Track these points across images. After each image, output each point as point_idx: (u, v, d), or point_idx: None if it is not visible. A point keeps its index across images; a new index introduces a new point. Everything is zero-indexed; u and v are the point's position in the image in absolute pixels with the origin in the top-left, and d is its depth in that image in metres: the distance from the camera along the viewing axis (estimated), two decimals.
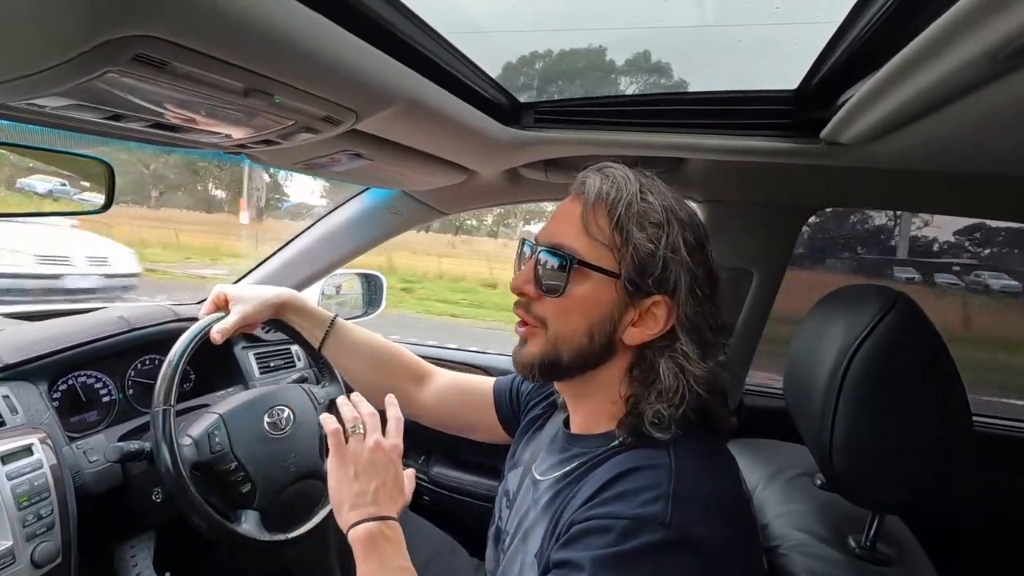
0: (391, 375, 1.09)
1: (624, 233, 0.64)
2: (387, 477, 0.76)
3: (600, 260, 0.66)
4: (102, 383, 1.12)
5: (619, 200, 0.65)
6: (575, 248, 0.66)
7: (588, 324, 0.67)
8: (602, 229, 0.65)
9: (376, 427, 0.79)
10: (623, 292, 0.65)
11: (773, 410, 1.40)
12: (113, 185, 1.02)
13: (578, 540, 0.58)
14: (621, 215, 0.64)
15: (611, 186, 0.66)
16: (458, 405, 1.08)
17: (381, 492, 0.74)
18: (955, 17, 0.41)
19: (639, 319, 0.67)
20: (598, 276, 0.66)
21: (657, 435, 0.63)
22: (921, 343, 0.62)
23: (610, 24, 0.79)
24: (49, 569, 0.84)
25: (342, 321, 1.09)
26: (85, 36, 0.41)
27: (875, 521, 0.67)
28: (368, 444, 0.77)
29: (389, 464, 0.77)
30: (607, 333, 0.67)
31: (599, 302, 0.66)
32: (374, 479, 0.75)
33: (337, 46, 0.57)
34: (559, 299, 0.67)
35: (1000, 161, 0.78)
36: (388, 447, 0.78)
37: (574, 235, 0.67)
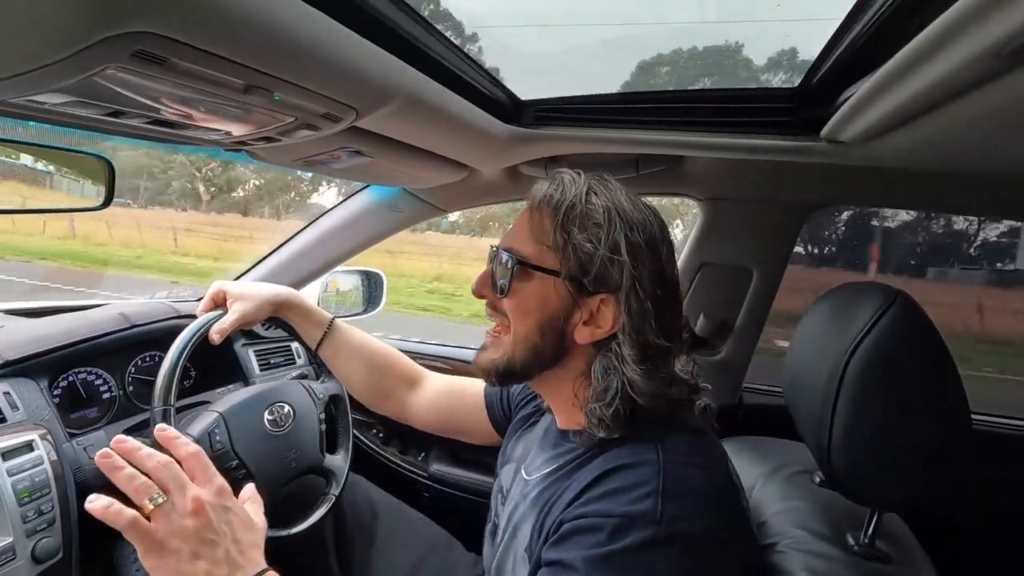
0: (385, 380, 1.09)
1: (566, 234, 0.66)
2: (234, 530, 0.60)
3: (543, 260, 0.69)
4: (102, 380, 1.13)
5: (562, 202, 0.67)
6: (521, 250, 0.70)
7: (539, 322, 0.70)
8: (546, 230, 0.68)
9: (182, 480, 0.59)
10: (566, 291, 0.67)
11: (772, 408, 1.41)
12: (113, 182, 1.02)
13: (569, 539, 0.58)
14: (562, 216, 0.67)
15: (556, 189, 0.69)
16: (451, 409, 1.08)
17: (235, 552, 0.59)
18: (956, 15, 0.41)
19: (589, 318, 0.68)
20: (541, 276, 0.69)
21: (600, 434, 0.65)
22: (920, 341, 0.62)
23: (611, 22, 0.79)
24: (50, 565, 0.84)
25: (341, 323, 1.09)
26: (85, 32, 0.41)
27: (874, 518, 0.67)
28: (185, 508, 0.57)
29: (226, 514, 0.60)
30: (557, 331, 0.69)
31: (546, 301, 0.69)
32: (218, 545, 0.58)
33: (337, 43, 0.57)
34: (507, 298, 0.71)
35: (1001, 159, 0.77)
36: (212, 495, 0.60)
37: (523, 238, 0.71)
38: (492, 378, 0.74)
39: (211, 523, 0.58)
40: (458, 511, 1.57)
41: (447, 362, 1.71)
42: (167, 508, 0.57)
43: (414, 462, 1.69)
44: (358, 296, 1.73)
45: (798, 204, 1.17)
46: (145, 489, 0.57)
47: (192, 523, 0.57)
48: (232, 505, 0.62)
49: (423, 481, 1.65)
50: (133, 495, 0.57)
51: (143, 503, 0.57)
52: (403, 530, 1.26)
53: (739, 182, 1.16)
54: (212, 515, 0.58)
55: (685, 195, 1.25)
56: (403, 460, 1.70)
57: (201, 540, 0.57)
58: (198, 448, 0.63)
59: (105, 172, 1.01)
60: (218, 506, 0.59)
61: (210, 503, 0.59)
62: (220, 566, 0.57)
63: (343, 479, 1.13)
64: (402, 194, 1.46)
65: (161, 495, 0.58)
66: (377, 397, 1.10)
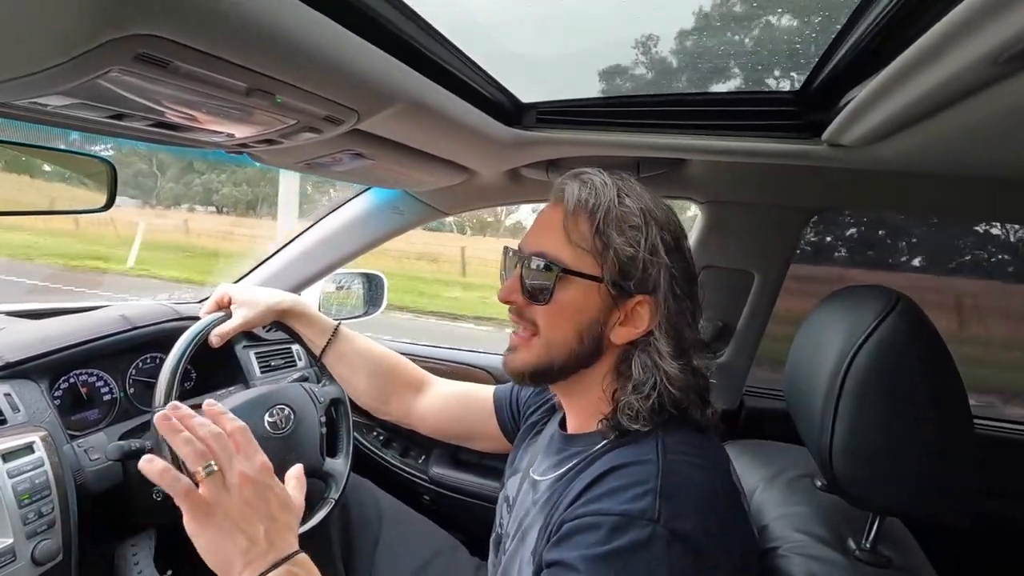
0: (390, 386, 1.09)
1: (604, 238, 0.66)
2: (272, 509, 0.61)
3: (583, 266, 0.68)
4: (103, 381, 1.13)
5: (598, 206, 0.67)
6: (559, 256, 0.69)
7: (577, 328, 0.69)
8: (583, 235, 0.67)
9: (232, 453, 0.61)
10: (607, 295, 0.67)
11: (774, 411, 1.40)
12: (115, 184, 1.02)
13: (569, 539, 0.58)
14: (600, 220, 0.66)
15: (590, 192, 0.68)
16: (459, 414, 1.08)
17: (273, 531, 0.59)
18: (956, 20, 0.41)
19: (625, 319, 0.69)
20: (582, 281, 0.68)
21: (634, 427, 0.65)
22: (922, 345, 0.62)
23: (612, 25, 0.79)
24: (50, 567, 0.84)
25: (346, 330, 1.09)
26: (88, 35, 0.41)
27: (875, 523, 0.67)
28: (233, 482, 0.59)
29: (267, 492, 0.61)
30: (596, 334, 0.69)
31: (586, 306, 0.68)
32: (258, 522, 0.59)
33: (339, 46, 0.57)
34: (547, 306, 0.69)
35: (1001, 163, 0.78)
36: (256, 472, 0.61)
37: (557, 243, 0.69)
38: (525, 380, 0.74)
39: (253, 499, 0.59)
40: (459, 515, 1.57)
41: (447, 364, 1.71)
42: (217, 478, 0.59)
43: (415, 465, 1.69)
44: (359, 298, 1.73)
45: (800, 207, 1.17)
46: (201, 456, 0.59)
47: (237, 497, 0.59)
48: (273, 484, 0.63)
49: (424, 484, 1.65)
50: (189, 460, 0.59)
51: (196, 470, 0.58)
52: (408, 533, 1.26)
53: (741, 185, 1.16)
54: (255, 492, 0.60)
55: (686, 198, 1.25)
56: (403, 463, 1.70)
57: (243, 515, 0.58)
58: (244, 424, 0.65)
59: (108, 174, 1.01)
60: (261, 483, 0.61)
61: (254, 479, 0.60)
62: (256, 544, 0.58)
63: (343, 483, 1.13)
64: (403, 196, 1.46)
65: (213, 464, 0.59)
66: (381, 403, 1.09)
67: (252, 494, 0.60)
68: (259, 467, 0.62)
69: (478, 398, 1.07)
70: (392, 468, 1.70)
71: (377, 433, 1.76)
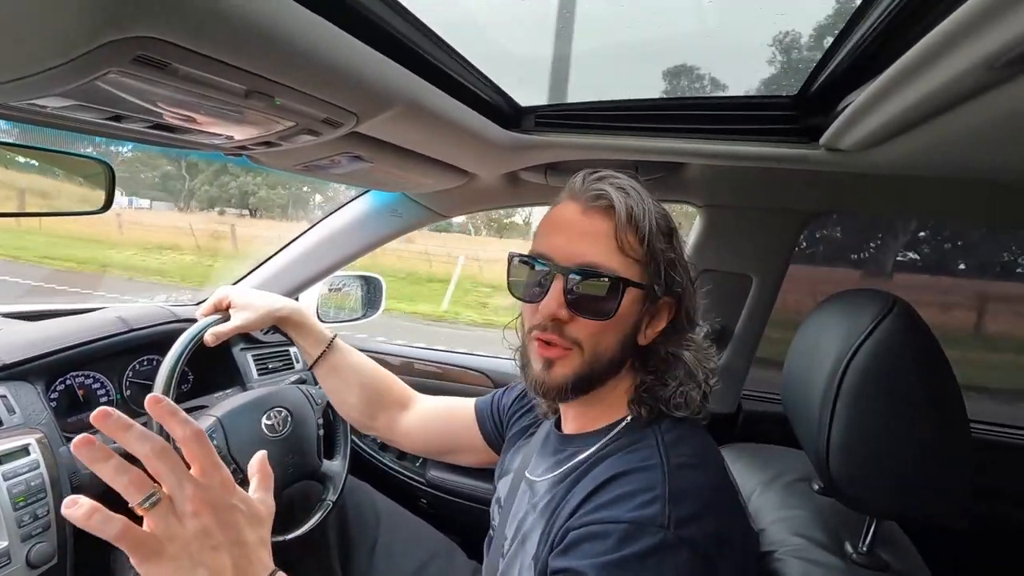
0: (377, 403, 1.08)
1: (652, 247, 0.67)
2: (238, 533, 0.50)
3: (636, 276, 0.67)
4: (100, 383, 1.12)
5: (644, 216, 0.66)
6: (615, 268, 0.66)
7: (623, 337, 0.70)
8: (633, 246, 0.67)
9: (180, 473, 0.49)
10: (646, 300, 0.69)
11: (771, 415, 1.40)
12: (113, 186, 1.02)
13: (577, 547, 0.58)
14: (648, 231, 0.66)
15: (635, 203, 0.67)
16: (442, 428, 1.07)
17: (242, 557, 0.50)
18: (953, 25, 0.41)
19: (650, 320, 0.71)
20: (635, 292, 0.68)
21: (679, 414, 0.68)
22: (918, 348, 0.62)
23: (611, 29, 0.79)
24: (45, 570, 0.84)
25: (341, 343, 1.09)
26: (87, 37, 0.41)
27: (872, 526, 0.67)
28: (186, 510, 0.48)
29: (230, 514, 0.50)
30: (633, 340, 0.71)
31: (632, 314, 0.69)
32: (222, 551, 0.49)
33: (338, 48, 0.58)
34: (603, 321, 0.67)
35: (998, 168, 0.78)
36: (214, 493, 0.50)
37: (608, 254, 0.66)
38: (568, 394, 0.70)
39: (213, 526, 0.49)
40: (456, 517, 1.56)
41: (443, 367, 1.71)
42: (163, 509, 0.47)
43: (412, 468, 1.68)
44: (357, 301, 1.73)
45: (797, 211, 1.17)
46: (137, 486, 0.47)
47: (192, 526, 0.48)
48: (237, 501, 0.52)
49: (421, 487, 1.64)
50: (124, 493, 0.47)
51: (135, 503, 0.47)
52: (405, 536, 1.25)
53: (738, 189, 1.17)
54: (214, 517, 0.49)
55: (684, 202, 1.25)
56: (401, 466, 1.70)
57: (202, 546, 0.48)
58: (199, 428, 0.51)
59: (106, 176, 1.01)
60: (221, 504, 0.50)
61: (212, 503, 0.49)
62: (224, 568, 0.49)
63: (340, 485, 1.12)
64: (402, 199, 1.46)
65: (157, 492, 0.47)
66: (368, 419, 1.08)
67: (211, 520, 0.48)
68: (219, 484, 0.50)
69: (460, 411, 1.07)
70: (389, 471, 1.69)
71: (374, 437, 1.76)
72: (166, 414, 0.51)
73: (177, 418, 0.51)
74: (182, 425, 0.51)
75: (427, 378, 1.70)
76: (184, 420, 0.51)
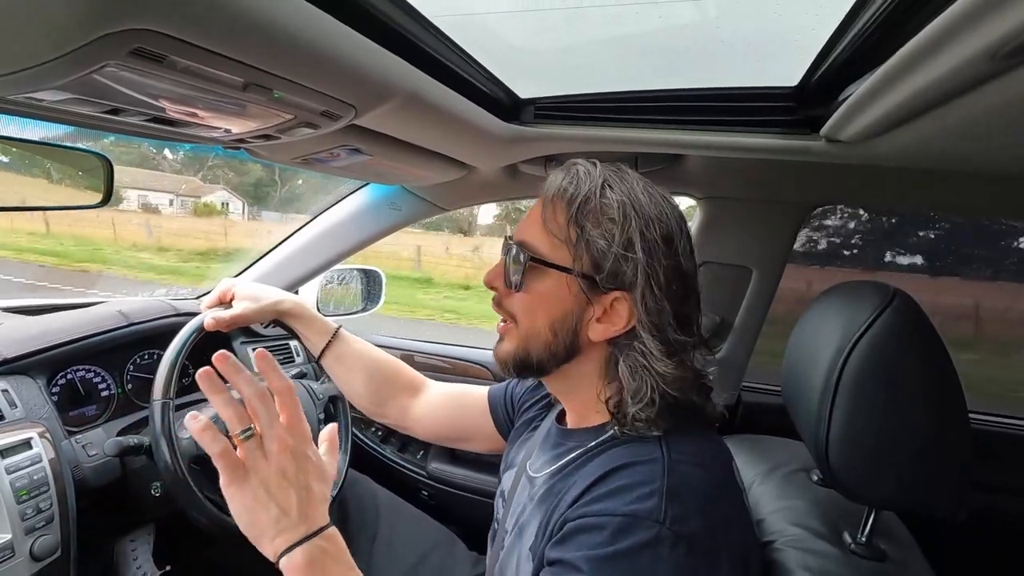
0: (387, 390, 1.09)
1: (580, 229, 0.64)
2: (308, 480, 0.59)
3: (556, 257, 0.66)
4: (101, 377, 1.13)
5: (576, 195, 0.65)
6: (534, 245, 0.68)
7: (550, 320, 0.68)
8: (560, 225, 0.66)
9: (273, 417, 0.59)
10: (579, 288, 0.66)
11: (771, 406, 1.41)
12: (111, 179, 1.02)
13: (572, 538, 0.58)
14: (576, 211, 0.65)
15: (570, 182, 0.66)
16: (454, 415, 1.08)
17: (307, 502, 0.58)
18: (955, 15, 0.41)
19: (603, 315, 0.66)
20: (555, 272, 0.67)
21: (652, 433, 0.63)
22: (918, 340, 0.62)
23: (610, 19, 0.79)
24: (48, 563, 0.84)
25: (345, 333, 1.09)
26: (84, 30, 0.41)
27: (871, 517, 0.68)
28: (272, 449, 0.57)
29: (305, 461, 0.59)
30: (570, 329, 0.68)
31: (559, 298, 0.67)
32: (292, 491, 0.57)
33: (336, 41, 0.57)
34: (520, 294, 0.69)
35: (999, 159, 0.78)
36: (296, 440, 0.59)
37: (536, 232, 0.69)
38: (510, 369, 0.73)
39: (290, 469, 0.57)
40: (457, 510, 1.57)
41: (446, 360, 1.71)
42: (254, 444, 0.57)
43: (413, 461, 1.69)
44: (357, 294, 1.73)
45: (798, 203, 1.17)
46: (239, 419, 0.57)
47: (274, 464, 0.57)
48: (311, 453, 0.61)
49: (422, 480, 1.65)
50: (227, 422, 0.58)
51: (234, 432, 0.57)
52: (406, 528, 1.26)
53: (738, 181, 1.16)
54: (292, 461, 0.58)
55: (684, 194, 1.25)
56: (402, 459, 1.70)
57: (278, 484, 0.57)
58: (291, 384, 0.61)
59: (104, 170, 1.01)
60: (299, 452, 0.59)
61: (293, 448, 0.58)
62: (288, 514, 0.56)
63: (341, 480, 1.13)
64: (401, 192, 1.46)
65: (252, 428, 0.58)
66: (378, 406, 1.09)
67: (289, 463, 0.58)
68: (300, 435, 0.59)
69: (473, 398, 1.07)
70: (391, 464, 1.70)
71: (376, 429, 1.76)
72: (268, 368, 0.61)
73: (277, 372, 0.62)
74: (280, 378, 0.61)
75: (428, 371, 1.70)
76: (282, 375, 0.61)
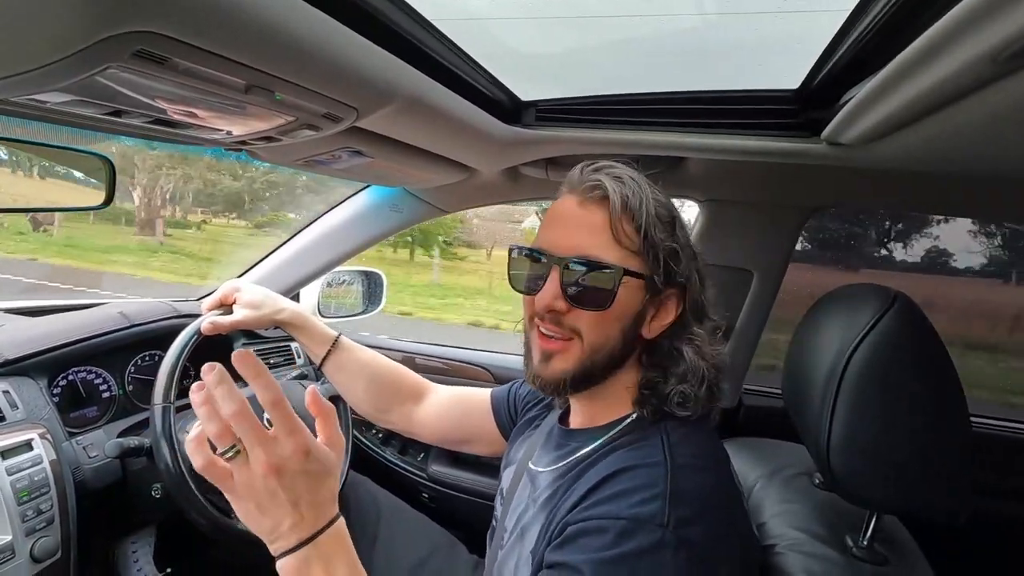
0: (390, 397, 1.09)
1: (651, 236, 0.66)
2: (298, 494, 0.55)
3: (635, 267, 0.67)
4: (102, 379, 1.13)
5: (640, 204, 0.66)
6: (612, 259, 0.66)
7: (623, 328, 0.69)
8: (630, 236, 0.66)
9: (255, 436, 0.53)
10: (647, 291, 0.68)
11: (772, 409, 1.41)
12: (114, 181, 1.02)
13: (574, 541, 0.57)
14: (644, 220, 0.66)
15: (631, 192, 0.67)
16: (458, 419, 1.08)
17: (303, 508, 0.55)
18: (956, 19, 0.41)
19: (656, 313, 0.70)
20: (632, 281, 0.67)
21: (682, 414, 0.67)
22: (919, 343, 0.62)
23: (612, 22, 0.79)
24: (49, 564, 0.84)
25: (346, 340, 1.09)
26: (87, 32, 0.41)
27: (872, 521, 0.67)
28: (257, 471, 0.53)
29: (295, 478, 0.54)
30: (635, 332, 0.70)
31: (632, 305, 0.68)
32: (282, 505, 0.54)
33: (338, 43, 0.57)
34: (601, 311, 0.67)
35: (1001, 162, 0.78)
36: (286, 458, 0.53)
37: (605, 245, 0.66)
38: (566, 389, 0.71)
39: (278, 488, 0.53)
40: (457, 512, 1.57)
41: (447, 363, 1.71)
42: (240, 461, 0.53)
43: (414, 463, 1.69)
44: (358, 296, 1.73)
45: (799, 206, 1.17)
46: (220, 437, 0.53)
47: (260, 484, 0.53)
48: (308, 465, 0.55)
49: (423, 482, 1.65)
50: (213, 440, 0.53)
51: (219, 452, 0.54)
52: (406, 531, 1.26)
53: (739, 184, 1.16)
54: (279, 480, 0.53)
55: (685, 196, 1.25)
56: (402, 461, 1.70)
57: (269, 500, 0.54)
58: (278, 396, 0.55)
59: (106, 171, 1.01)
60: (288, 470, 0.54)
61: (280, 468, 0.53)
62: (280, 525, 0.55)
63: (342, 481, 1.13)
64: (402, 194, 1.46)
65: (238, 445, 0.53)
66: (382, 413, 1.09)
67: (276, 484, 0.53)
68: (291, 452, 0.53)
69: (476, 401, 1.07)
70: (391, 466, 1.70)
71: (376, 431, 1.76)
72: (253, 376, 0.55)
73: (261, 380, 0.54)
74: (264, 389, 0.54)
75: (429, 374, 1.70)
76: (267, 384, 0.55)
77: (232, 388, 0.54)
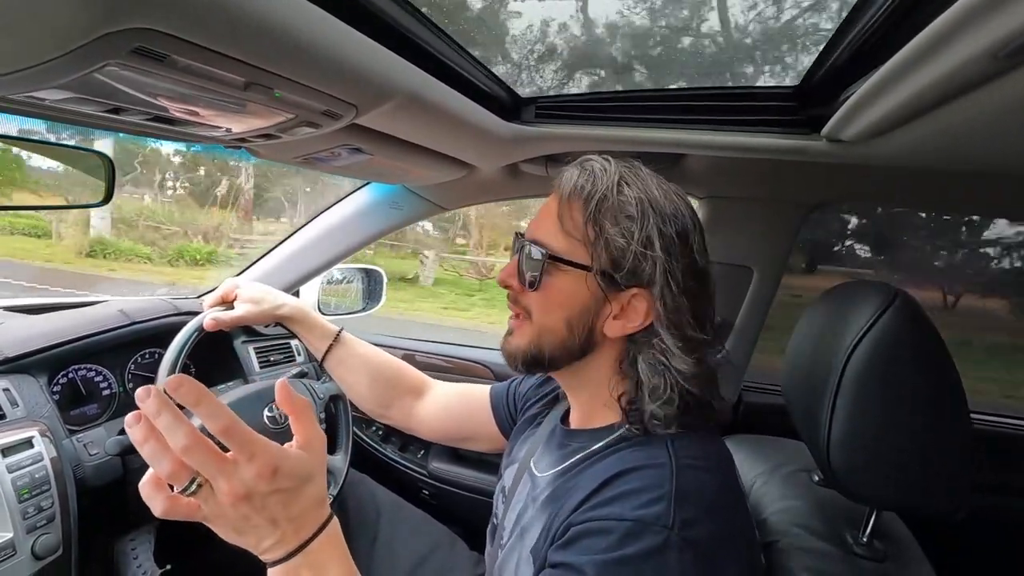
0: (391, 392, 1.09)
1: (598, 227, 0.65)
2: (274, 511, 0.52)
3: (573, 254, 0.67)
4: (102, 376, 1.13)
5: (593, 193, 0.65)
6: (550, 243, 0.68)
7: (567, 316, 0.68)
8: (576, 223, 0.66)
9: (214, 467, 0.49)
10: (598, 286, 0.66)
11: (772, 406, 1.41)
12: (113, 178, 1.02)
13: (577, 542, 0.57)
14: (594, 209, 0.65)
15: (587, 179, 0.67)
16: (458, 415, 1.08)
17: (283, 525, 0.53)
18: (956, 15, 0.41)
19: (620, 312, 0.67)
20: (573, 270, 0.67)
21: (661, 432, 0.64)
22: (920, 340, 0.62)
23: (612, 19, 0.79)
24: (50, 561, 0.84)
25: (348, 336, 1.10)
26: (85, 29, 0.41)
27: (872, 517, 0.67)
28: (223, 501, 0.50)
29: (266, 499, 0.51)
30: (586, 325, 0.68)
31: (576, 295, 0.67)
32: (259, 526, 0.52)
33: (337, 40, 0.57)
34: (537, 292, 0.69)
35: (1001, 159, 0.77)
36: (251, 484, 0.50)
37: (551, 230, 0.69)
38: (518, 364, 0.73)
39: (250, 512, 0.51)
40: (458, 509, 1.57)
41: (448, 360, 1.71)
42: (205, 492, 0.49)
43: (414, 460, 1.69)
44: (358, 293, 1.73)
45: (798, 203, 1.17)
46: (175, 476, 0.48)
47: (231, 511, 0.50)
48: (278, 484, 0.51)
49: (423, 479, 1.65)
50: (167, 479, 0.49)
51: (178, 491, 0.49)
52: (406, 528, 1.26)
53: (739, 180, 1.16)
54: (249, 505, 0.50)
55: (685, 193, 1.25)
56: (403, 458, 1.70)
57: (245, 524, 0.51)
58: (228, 422, 0.50)
59: (105, 168, 1.01)
60: (257, 493, 0.50)
61: (247, 493, 0.50)
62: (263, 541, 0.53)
63: (342, 480, 1.13)
64: (402, 191, 1.46)
65: (197, 478, 0.49)
66: (383, 408, 1.09)
67: (247, 509, 0.50)
68: (254, 477, 0.50)
69: (476, 397, 1.07)
70: (391, 463, 1.70)
71: (376, 428, 1.76)
72: (193, 400, 0.49)
73: (205, 407, 0.49)
74: (210, 418, 0.49)
75: (429, 371, 1.70)
76: (212, 412, 0.49)
77: (176, 416, 0.48)
